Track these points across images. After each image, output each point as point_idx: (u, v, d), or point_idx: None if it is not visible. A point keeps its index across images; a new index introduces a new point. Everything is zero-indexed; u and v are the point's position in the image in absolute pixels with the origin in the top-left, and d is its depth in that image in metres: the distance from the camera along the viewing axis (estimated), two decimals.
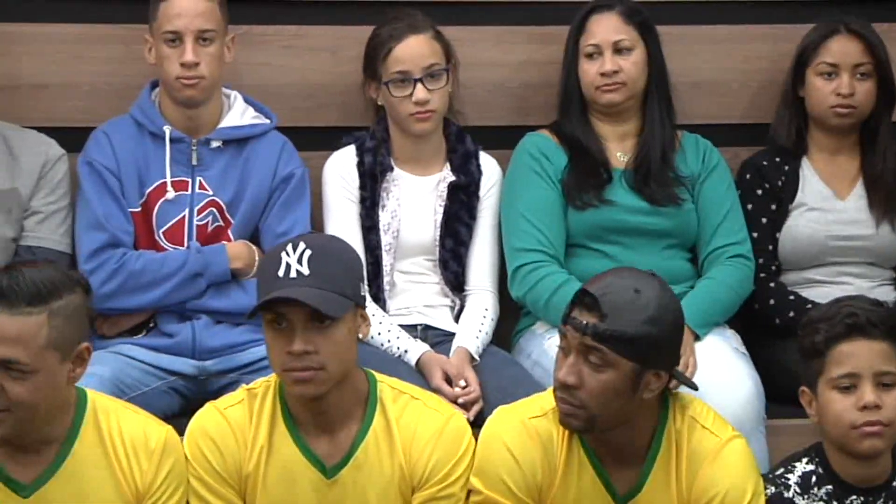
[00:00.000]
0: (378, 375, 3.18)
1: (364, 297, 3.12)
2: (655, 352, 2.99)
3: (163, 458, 3.02)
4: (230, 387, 3.59)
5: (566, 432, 3.09)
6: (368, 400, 3.12)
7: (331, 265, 3.03)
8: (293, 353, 2.99)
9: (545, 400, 3.13)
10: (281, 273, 3.01)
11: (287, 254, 3.02)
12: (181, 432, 3.13)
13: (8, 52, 3.84)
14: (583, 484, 3.09)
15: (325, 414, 3.08)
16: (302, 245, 3.02)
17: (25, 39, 3.92)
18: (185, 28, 3.68)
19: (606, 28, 3.85)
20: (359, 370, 3.14)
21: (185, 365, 3.69)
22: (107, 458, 2.98)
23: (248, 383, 3.24)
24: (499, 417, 3.16)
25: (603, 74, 3.83)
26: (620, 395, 2.98)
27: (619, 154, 3.91)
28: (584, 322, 2.97)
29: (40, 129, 3.82)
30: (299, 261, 3.01)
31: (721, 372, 3.63)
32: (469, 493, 3.11)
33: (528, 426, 3.09)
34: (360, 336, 3.10)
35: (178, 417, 3.31)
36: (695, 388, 3.16)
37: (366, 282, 3.14)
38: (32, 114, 3.91)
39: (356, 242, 3.78)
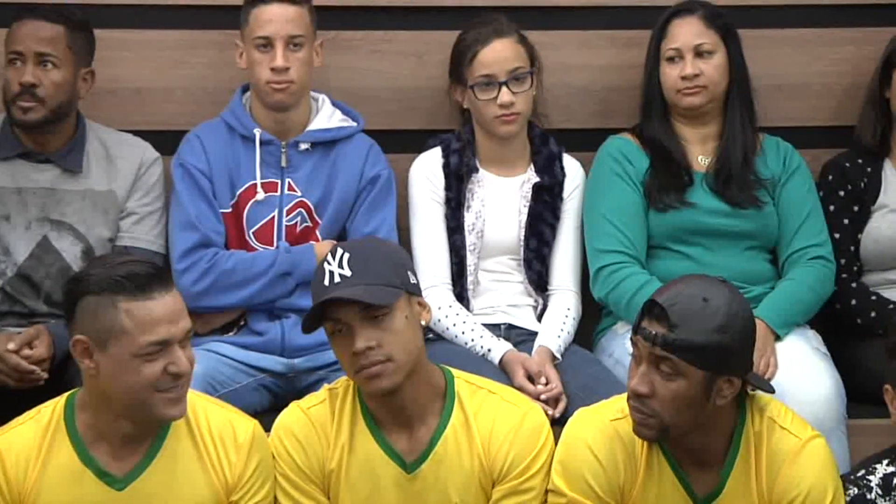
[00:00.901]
0: (454, 371, 3.17)
1: (416, 286, 3.11)
2: (726, 359, 2.94)
3: (251, 451, 3.02)
4: (318, 384, 3.57)
5: None
6: (446, 395, 3.12)
7: (371, 261, 3.03)
8: (357, 352, 3.00)
9: (625, 401, 3.08)
10: (326, 282, 3.02)
11: (328, 262, 3.04)
12: (270, 428, 3.13)
13: (107, 57, 3.85)
14: (663, 485, 3.06)
15: (403, 410, 3.08)
16: (340, 251, 3.04)
17: (123, 45, 3.94)
18: (275, 34, 3.69)
19: (688, 32, 3.81)
20: (433, 366, 3.14)
21: (275, 362, 3.71)
22: (197, 451, 2.99)
23: (333, 381, 3.23)
24: (580, 419, 3.13)
25: (684, 78, 3.80)
26: (693, 404, 2.94)
27: (701, 157, 3.88)
28: (654, 332, 2.93)
29: (137, 133, 3.86)
30: (340, 265, 3.02)
31: (802, 371, 3.59)
32: (549, 492, 3.08)
33: (609, 428, 3.07)
34: (423, 323, 3.09)
35: (268, 413, 3.31)
36: (771, 391, 3.11)
37: (415, 271, 3.13)
38: (130, 117, 3.95)
39: (441, 242, 3.80)
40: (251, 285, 3.70)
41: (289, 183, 3.78)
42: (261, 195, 3.76)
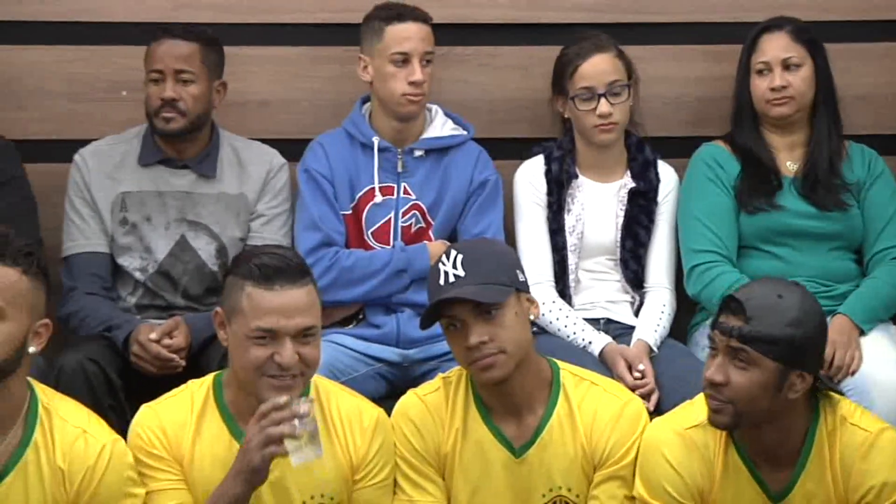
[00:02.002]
0: (560, 363, 3.21)
1: (525, 283, 3.14)
2: (798, 353, 2.96)
3: (374, 435, 3.09)
4: (431, 373, 3.64)
5: (721, 440, 3.06)
6: (552, 386, 3.16)
7: (483, 261, 3.07)
8: (471, 346, 3.05)
9: (699, 409, 3.09)
10: (441, 281, 3.07)
11: (443, 263, 3.09)
12: (387, 414, 3.19)
13: (238, 72, 3.93)
14: (739, 485, 3.07)
15: (512, 398, 3.13)
16: (454, 252, 3.09)
17: (252, 61, 4.02)
18: (413, 50, 3.76)
19: (776, 46, 3.84)
20: (541, 358, 3.18)
21: (391, 353, 3.76)
22: (328, 431, 3.06)
23: (446, 370, 3.30)
24: (656, 429, 3.14)
25: (773, 89, 3.82)
26: (765, 394, 2.95)
27: (789, 163, 3.89)
28: (731, 326, 2.95)
29: (265, 141, 3.92)
30: (454, 265, 3.06)
31: (885, 364, 3.59)
32: (632, 499, 3.11)
33: (685, 437, 3.07)
34: (532, 318, 3.13)
35: (385, 400, 3.36)
36: (840, 392, 3.11)
37: (524, 270, 3.16)
38: (258, 127, 4.01)
39: (544, 243, 3.84)
40: (369, 282, 3.76)
41: (404, 187, 3.84)
42: (378, 198, 3.82)
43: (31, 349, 2.89)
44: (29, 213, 3.69)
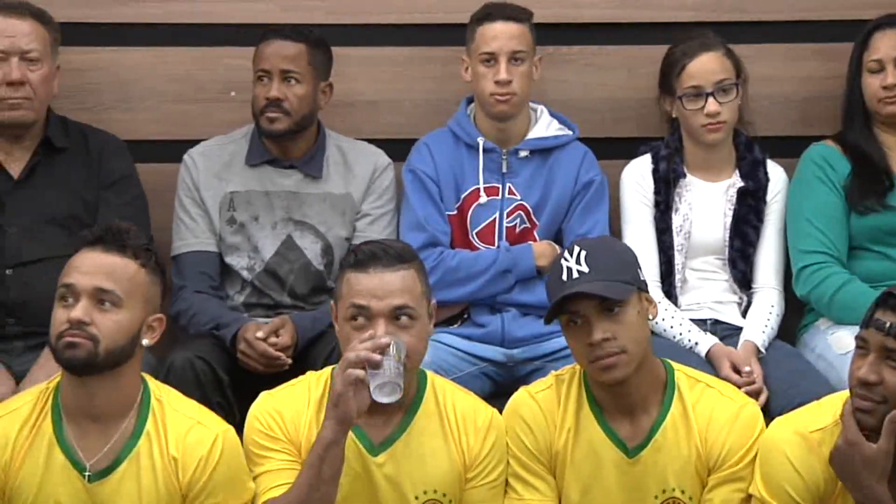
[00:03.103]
0: (675, 364, 3.19)
1: (645, 283, 3.13)
2: None
3: (488, 434, 3.10)
4: (535, 373, 3.67)
5: None
6: (666, 387, 3.14)
7: (606, 258, 3.06)
8: (594, 343, 3.02)
9: (824, 412, 3.05)
10: (564, 277, 3.06)
11: (566, 259, 3.07)
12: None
13: (345, 73, 3.97)
14: None
15: (627, 398, 3.11)
16: (577, 248, 3.07)
17: (360, 62, 4.06)
18: (499, 49, 3.78)
19: (889, 44, 3.80)
20: (656, 359, 3.16)
21: (495, 352, 3.77)
22: (442, 429, 3.08)
23: (552, 370, 3.30)
24: (778, 428, 3.09)
25: (885, 87, 3.78)
26: None
27: None
28: (888, 323, 2.88)
29: (370, 141, 3.96)
30: (577, 262, 3.05)
31: None
32: (752, 498, 3.07)
33: (808, 439, 3.02)
34: (651, 318, 3.12)
35: (489, 400, 3.33)
36: None
37: (643, 270, 3.15)
38: (365, 127, 4.05)
39: (650, 243, 3.84)
40: (474, 281, 3.78)
41: (509, 187, 3.85)
42: (483, 199, 3.84)
43: (145, 342, 2.95)
44: (140, 213, 3.76)
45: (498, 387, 3.75)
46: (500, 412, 3.19)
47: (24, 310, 3.62)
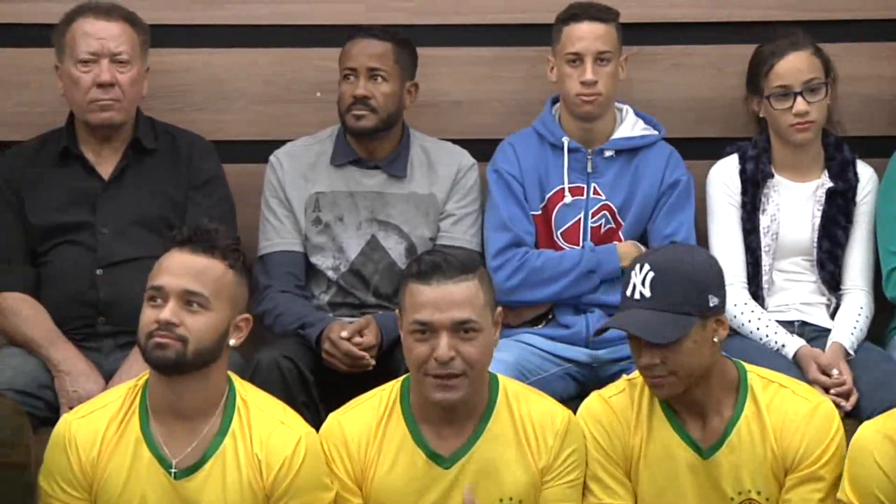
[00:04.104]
0: (747, 365, 3.16)
1: (717, 307, 3.05)
2: None
3: (566, 438, 3.11)
4: (620, 374, 3.58)
5: None
6: (739, 388, 3.12)
7: (673, 285, 3.02)
8: (642, 365, 3.05)
9: None
10: (629, 292, 3.06)
11: (635, 273, 3.05)
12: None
13: (430, 73, 3.99)
14: None
15: (697, 403, 3.10)
16: (647, 267, 3.04)
17: (445, 62, 4.07)
18: (585, 50, 3.78)
19: None
20: (727, 361, 3.13)
21: (580, 353, 3.77)
22: (516, 436, 3.09)
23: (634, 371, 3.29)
24: (867, 432, 3.06)
25: None
26: None
27: None
28: None
29: (455, 141, 3.97)
30: (643, 282, 3.03)
31: None
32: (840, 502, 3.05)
33: None
34: (715, 340, 3.06)
35: (574, 401, 3.37)
36: None
37: (723, 288, 3.09)
38: (449, 127, 4.06)
39: (737, 244, 3.82)
40: (559, 282, 3.78)
41: (594, 187, 3.85)
42: (568, 199, 3.84)
43: (231, 342, 3.00)
44: (227, 213, 3.80)
45: (582, 388, 3.74)
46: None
47: (113, 309, 3.68)
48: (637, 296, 3.04)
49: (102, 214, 3.75)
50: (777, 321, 3.77)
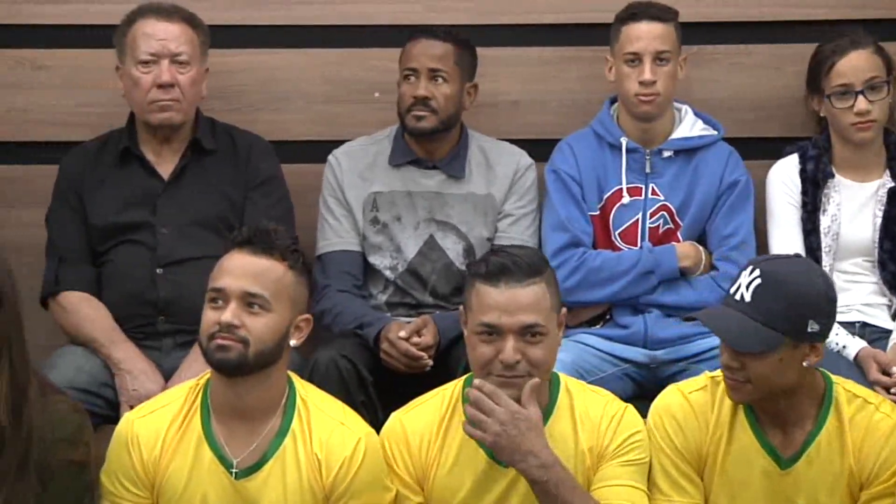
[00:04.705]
0: (835, 378, 3.11)
1: (812, 334, 2.98)
2: None
3: (621, 423, 3.08)
4: (678, 375, 3.65)
5: None
6: (824, 400, 3.07)
7: (774, 299, 2.96)
8: (723, 363, 3.02)
9: None
10: (732, 290, 3.02)
11: (745, 275, 3.00)
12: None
13: (489, 73, 3.99)
14: None
15: (780, 412, 3.06)
16: (756, 272, 2.98)
17: (503, 62, 4.07)
18: (644, 50, 3.77)
19: None
20: (815, 372, 3.08)
21: (638, 354, 3.76)
22: (575, 432, 3.07)
23: (696, 372, 3.29)
24: None
25: None
26: None
27: None
28: None
29: (514, 141, 3.97)
30: (748, 286, 2.98)
31: None
32: None
33: None
34: (805, 363, 3.01)
35: (632, 401, 3.30)
36: None
37: (830, 318, 3.01)
38: (508, 127, 4.06)
39: (797, 245, 3.80)
40: (616, 282, 3.77)
41: (652, 188, 3.84)
42: (626, 199, 3.83)
43: (292, 342, 3.01)
44: (285, 213, 3.82)
45: (640, 389, 3.74)
46: (643, 415, 3.16)
47: (173, 308, 3.71)
48: (738, 297, 2.99)
49: (162, 214, 3.78)
50: (838, 322, 3.67)
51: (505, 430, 2.94)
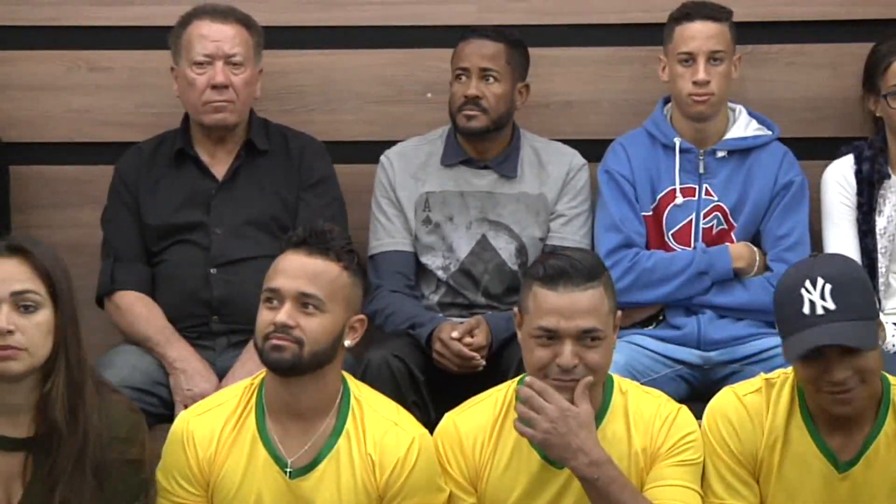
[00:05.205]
0: (892, 378, 3.08)
1: (878, 308, 3.03)
2: None
3: (673, 427, 3.06)
4: (732, 376, 3.64)
5: None
6: (882, 402, 3.04)
7: (853, 293, 2.94)
8: (835, 381, 2.94)
9: None
10: (806, 310, 2.94)
11: (807, 291, 2.95)
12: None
13: (542, 73, 4.00)
14: None
15: (843, 414, 3.01)
16: (821, 281, 2.94)
17: (556, 62, 4.08)
18: (697, 49, 3.76)
19: None
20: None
21: (691, 355, 3.76)
22: (628, 432, 3.06)
23: (750, 374, 3.28)
24: None
25: None
26: None
27: None
28: None
29: (566, 141, 3.97)
30: (822, 296, 2.94)
31: None
32: None
33: None
34: (880, 343, 2.99)
35: (685, 402, 3.26)
36: None
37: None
38: (560, 127, 4.07)
39: (852, 246, 3.78)
40: (670, 283, 3.77)
41: (706, 188, 3.82)
42: (679, 199, 3.82)
43: (346, 343, 3.02)
44: (338, 214, 3.83)
45: (693, 390, 3.73)
46: (696, 416, 3.14)
47: (227, 308, 3.73)
48: (820, 310, 2.93)
49: (216, 215, 3.80)
50: (894, 324, 3.71)
51: (555, 428, 2.94)
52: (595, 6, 4.11)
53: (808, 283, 2.95)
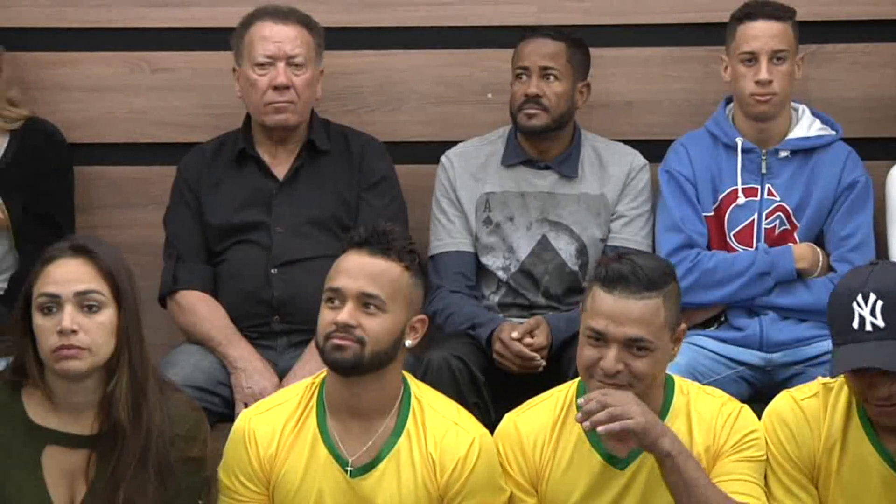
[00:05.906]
0: None
1: None
2: None
3: (735, 425, 3.04)
4: (795, 378, 3.62)
5: None
6: None
7: None
8: (881, 396, 2.92)
9: None
10: (855, 325, 2.93)
11: (859, 305, 2.93)
12: None
13: (602, 73, 4.00)
14: None
15: (894, 427, 3.00)
16: (872, 297, 2.91)
17: (617, 62, 4.08)
18: (760, 49, 3.74)
19: None
20: None
21: (753, 356, 3.73)
22: (690, 434, 3.04)
23: (813, 375, 3.25)
24: None
25: None
26: None
27: None
28: None
29: (627, 142, 3.97)
30: (872, 313, 2.92)
31: None
32: None
33: None
34: None
35: (748, 404, 3.22)
36: None
37: None
38: (621, 127, 4.07)
39: None
40: (731, 284, 3.74)
41: (768, 188, 3.81)
42: (741, 200, 3.80)
43: (407, 343, 3.03)
44: (398, 214, 3.85)
45: (755, 391, 3.71)
46: (759, 417, 3.12)
47: (287, 308, 3.75)
48: (869, 327, 2.91)
49: (277, 214, 3.82)
50: None
51: (641, 409, 2.93)
52: (655, 6, 4.10)
53: (860, 298, 2.93)
